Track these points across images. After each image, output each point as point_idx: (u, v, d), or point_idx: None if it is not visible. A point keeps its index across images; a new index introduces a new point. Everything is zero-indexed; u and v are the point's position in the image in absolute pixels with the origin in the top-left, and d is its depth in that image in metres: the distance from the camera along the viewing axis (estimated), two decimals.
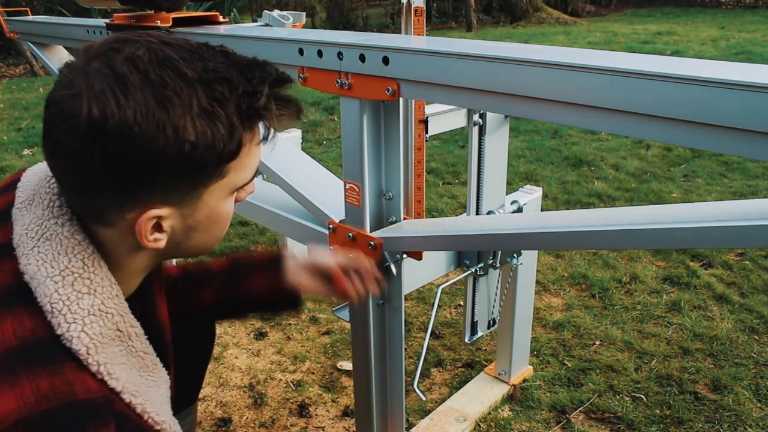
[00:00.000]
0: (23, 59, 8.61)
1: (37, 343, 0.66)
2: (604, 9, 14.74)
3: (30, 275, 0.69)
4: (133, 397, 0.71)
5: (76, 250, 0.71)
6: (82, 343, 0.67)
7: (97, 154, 0.63)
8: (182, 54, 0.66)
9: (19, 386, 0.62)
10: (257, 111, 0.69)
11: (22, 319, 0.67)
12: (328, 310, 2.36)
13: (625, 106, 0.83)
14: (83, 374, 0.66)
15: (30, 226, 0.72)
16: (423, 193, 1.37)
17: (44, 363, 0.64)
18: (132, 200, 0.68)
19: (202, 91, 0.65)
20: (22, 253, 0.70)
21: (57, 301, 0.67)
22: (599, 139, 4.52)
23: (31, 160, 4.29)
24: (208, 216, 0.74)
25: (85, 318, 0.68)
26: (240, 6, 10.45)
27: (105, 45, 0.66)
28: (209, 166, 0.69)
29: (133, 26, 1.82)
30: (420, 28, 1.25)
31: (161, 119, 0.63)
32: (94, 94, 0.62)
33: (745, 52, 7.64)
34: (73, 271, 0.70)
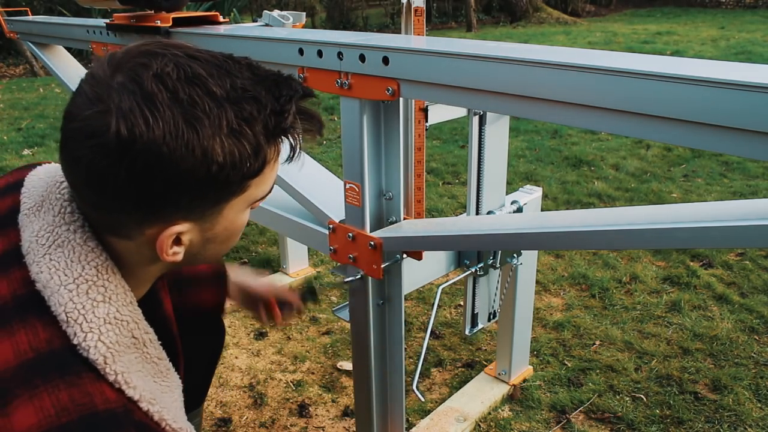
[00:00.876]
0: (23, 59, 8.61)
1: (54, 354, 0.64)
2: (604, 9, 14.74)
3: (42, 284, 0.67)
4: (151, 405, 0.70)
5: (90, 257, 0.70)
6: (99, 352, 0.66)
7: (123, 173, 0.62)
8: (210, 70, 0.65)
9: (38, 399, 0.61)
10: (284, 130, 0.69)
11: (36, 330, 0.65)
12: (328, 310, 2.36)
13: (625, 106, 0.83)
14: (101, 384, 0.65)
15: (40, 232, 0.71)
16: (423, 193, 1.37)
17: (62, 374, 0.63)
18: (154, 217, 0.68)
19: (231, 111, 0.64)
20: (32, 261, 0.69)
21: (72, 310, 0.66)
22: (599, 139, 4.52)
23: (31, 161, 4.29)
24: (226, 228, 0.74)
25: (101, 327, 0.67)
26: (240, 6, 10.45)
27: (131, 59, 0.64)
28: (233, 183, 0.68)
29: (133, 26, 1.82)
30: (420, 28, 1.25)
31: (190, 140, 0.62)
32: (122, 112, 0.61)
33: (745, 52, 7.65)
34: (87, 279, 0.68)
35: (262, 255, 2.83)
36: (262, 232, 3.07)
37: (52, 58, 2.61)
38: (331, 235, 1.36)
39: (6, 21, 2.68)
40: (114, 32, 1.97)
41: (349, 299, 1.41)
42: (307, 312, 2.34)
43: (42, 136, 4.87)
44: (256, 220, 1.72)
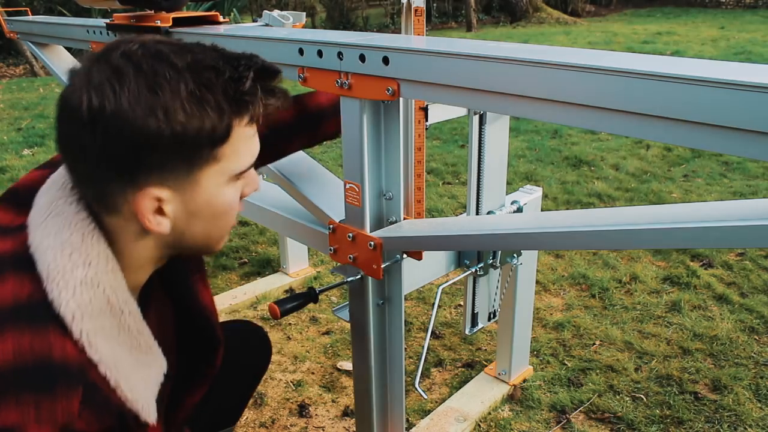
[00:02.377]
0: (23, 59, 8.61)
1: (30, 305, 0.70)
2: (604, 9, 14.74)
3: (35, 247, 0.74)
4: (109, 370, 0.74)
5: (78, 225, 0.75)
6: (69, 309, 0.71)
7: (98, 139, 0.69)
8: (173, 48, 0.72)
9: (2, 341, 0.67)
10: (243, 95, 0.73)
11: (23, 283, 0.72)
12: (328, 310, 2.36)
13: (625, 106, 0.83)
14: (65, 340, 0.70)
15: (43, 205, 0.78)
16: (423, 193, 1.37)
17: (31, 323, 0.69)
18: (132, 182, 0.72)
19: (190, 78, 0.70)
20: (32, 228, 0.76)
21: (53, 269, 0.72)
22: (599, 139, 4.52)
23: (31, 160, 4.29)
24: (207, 202, 0.77)
25: (77, 287, 0.72)
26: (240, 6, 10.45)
27: (105, 46, 0.73)
28: (201, 148, 0.73)
29: (133, 26, 1.82)
30: (420, 28, 1.25)
31: (153, 103, 0.68)
32: (93, 87, 0.69)
33: (745, 52, 7.65)
34: (72, 244, 0.74)
35: (262, 255, 2.83)
36: (262, 232, 3.07)
37: (52, 58, 2.61)
38: (331, 235, 1.36)
39: (6, 21, 2.68)
40: (114, 32, 1.97)
41: (349, 299, 1.41)
42: (307, 312, 2.34)
43: (42, 136, 4.87)
44: (256, 220, 1.72)
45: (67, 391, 0.68)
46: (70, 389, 0.68)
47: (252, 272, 2.69)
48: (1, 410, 0.64)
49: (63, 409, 0.67)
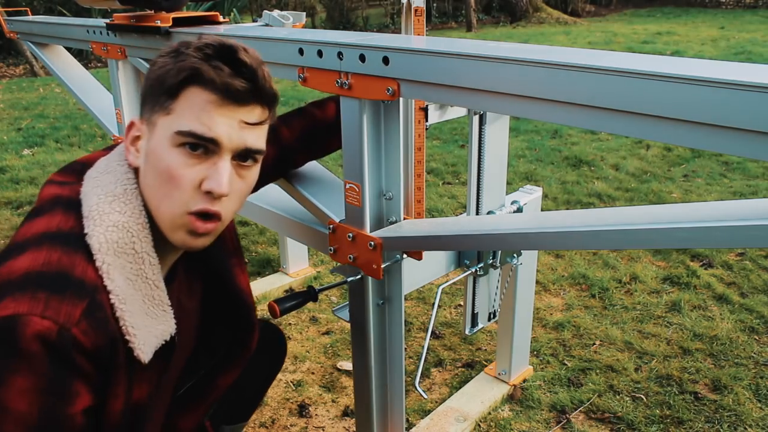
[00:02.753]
0: (23, 59, 8.61)
1: (69, 234, 0.83)
2: (604, 9, 14.75)
3: (84, 193, 0.88)
4: (119, 302, 0.82)
5: (123, 182, 0.88)
6: (98, 241, 0.82)
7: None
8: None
9: (37, 253, 0.79)
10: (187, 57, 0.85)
11: (69, 219, 0.85)
12: (328, 310, 2.36)
13: (625, 106, 0.83)
14: (88, 265, 0.81)
15: (100, 166, 0.92)
16: (423, 193, 1.37)
17: (64, 245, 0.81)
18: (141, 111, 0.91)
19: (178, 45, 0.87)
20: (86, 181, 0.90)
21: (94, 210, 0.85)
22: (599, 139, 4.52)
23: (31, 160, 4.29)
24: (154, 150, 0.86)
25: (109, 227, 0.84)
26: (240, 6, 10.45)
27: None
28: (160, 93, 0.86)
29: (133, 26, 1.82)
30: (420, 28, 1.25)
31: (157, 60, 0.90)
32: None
33: (745, 52, 7.65)
34: (115, 194, 0.87)
35: (262, 255, 2.83)
36: (262, 232, 3.07)
37: (52, 58, 2.61)
38: (331, 235, 1.36)
39: (6, 21, 2.68)
40: (114, 32, 1.97)
41: (349, 299, 1.41)
42: (307, 312, 2.34)
43: (42, 136, 4.87)
44: (256, 220, 1.72)
45: (74, 299, 0.77)
46: (78, 298, 0.77)
47: (252, 272, 2.69)
48: (18, 301, 0.74)
49: (66, 312, 0.75)
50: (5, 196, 3.58)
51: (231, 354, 1.14)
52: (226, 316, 1.11)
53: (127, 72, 2.08)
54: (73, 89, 2.49)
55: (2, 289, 0.76)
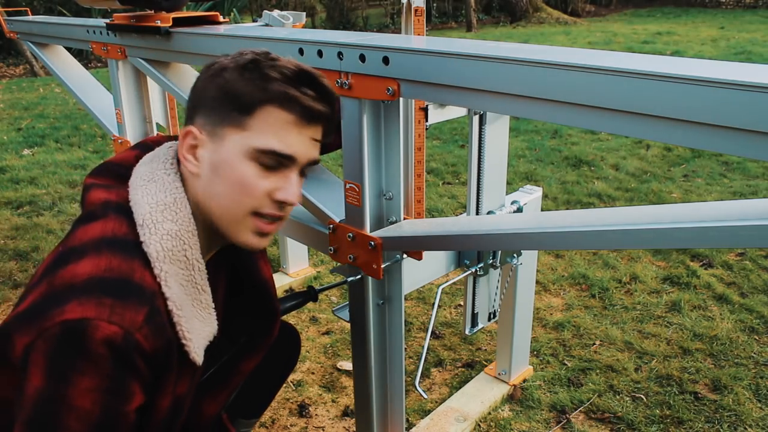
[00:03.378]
0: (23, 59, 8.61)
1: (125, 240, 0.86)
2: (604, 9, 14.74)
3: (134, 202, 0.91)
4: (176, 307, 0.87)
5: (172, 191, 0.92)
6: (155, 250, 0.86)
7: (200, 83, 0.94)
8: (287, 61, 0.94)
9: (99, 259, 0.82)
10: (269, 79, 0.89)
11: (123, 223, 0.88)
12: (328, 310, 2.36)
13: (625, 106, 0.83)
14: (146, 270, 0.85)
15: (144, 173, 0.95)
16: (423, 193, 1.37)
17: (122, 251, 0.84)
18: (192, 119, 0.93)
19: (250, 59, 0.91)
20: (132, 189, 0.93)
21: (148, 219, 0.88)
22: (599, 139, 4.52)
23: (31, 160, 4.29)
24: (226, 162, 0.91)
25: (164, 236, 0.88)
26: (240, 6, 10.45)
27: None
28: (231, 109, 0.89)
29: (133, 26, 1.82)
30: (420, 28, 1.25)
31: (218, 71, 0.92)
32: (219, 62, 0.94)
33: (745, 52, 7.65)
34: (165, 203, 0.90)
35: None
36: None
37: (52, 58, 2.61)
38: (331, 235, 1.36)
39: (6, 21, 2.69)
40: (114, 32, 1.97)
41: (349, 299, 1.41)
42: (307, 312, 2.34)
43: (42, 136, 4.87)
44: None
45: (137, 305, 0.80)
46: (140, 305, 0.81)
47: None
48: (84, 305, 0.77)
49: (130, 318, 0.79)
50: (5, 196, 3.58)
51: (253, 340, 1.18)
52: (250, 305, 1.17)
53: (127, 72, 2.08)
54: (73, 89, 2.49)
55: (67, 292, 0.79)
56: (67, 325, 0.76)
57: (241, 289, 1.15)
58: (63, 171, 4.02)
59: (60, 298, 0.78)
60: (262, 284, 1.15)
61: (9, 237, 3.03)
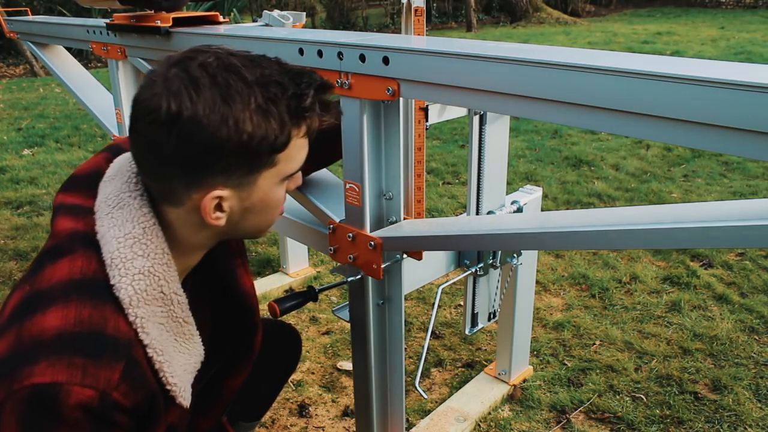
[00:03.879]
0: (23, 59, 8.61)
1: (95, 282, 0.79)
2: (604, 9, 14.74)
3: (101, 234, 0.83)
4: (156, 353, 0.81)
5: (141, 220, 0.84)
6: (127, 294, 0.80)
7: (172, 140, 0.77)
8: (244, 62, 0.80)
9: (67, 309, 0.76)
10: (304, 110, 0.82)
11: (91, 260, 0.81)
12: (328, 310, 2.36)
13: (625, 106, 0.83)
14: (119, 317, 0.79)
15: (110, 195, 0.87)
16: (423, 193, 1.37)
17: (92, 298, 0.78)
18: (198, 182, 0.81)
19: (259, 92, 0.78)
20: (99, 217, 0.85)
21: (116, 257, 0.81)
22: (599, 139, 4.52)
23: (31, 160, 4.29)
24: (261, 199, 0.86)
25: (135, 275, 0.81)
26: (240, 6, 10.45)
27: (182, 54, 0.81)
28: (263, 155, 0.81)
29: (133, 26, 1.82)
30: (420, 28, 1.25)
31: (225, 113, 0.76)
32: (172, 92, 0.76)
33: (745, 52, 7.65)
34: (135, 236, 0.83)
35: (262, 255, 2.83)
36: None
37: (52, 58, 2.61)
38: (331, 235, 1.36)
39: (6, 21, 2.68)
40: (114, 32, 1.97)
41: (349, 299, 1.41)
42: (307, 312, 2.34)
43: (42, 136, 4.87)
44: None
45: (112, 361, 0.75)
46: (116, 360, 0.76)
47: (252, 272, 2.68)
48: (55, 367, 0.72)
49: (105, 378, 0.74)
50: (5, 196, 3.58)
51: (236, 356, 1.14)
52: (231, 318, 1.11)
53: (127, 72, 2.08)
54: (73, 89, 2.49)
55: (36, 350, 0.74)
56: (38, 389, 0.71)
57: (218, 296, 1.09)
58: (63, 171, 4.02)
59: (29, 357, 0.73)
60: (241, 296, 1.09)
61: (9, 237, 3.04)
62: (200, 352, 0.92)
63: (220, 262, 1.07)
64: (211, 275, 1.06)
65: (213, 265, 1.05)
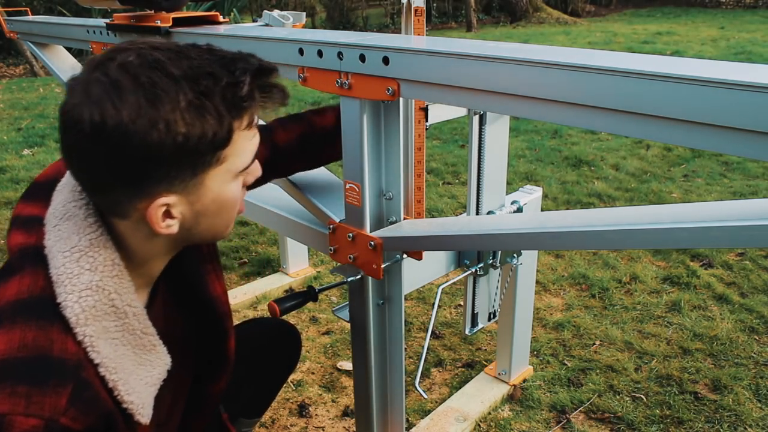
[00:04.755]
0: (23, 59, 8.61)
1: (41, 301, 0.75)
2: (604, 9, 14.74)
3: (48, 248, 0.79)
4: (109, 372, 0.77)
5: (87, 231, 0.79)
6: (74, 312, 0.75)
7: (101, 152, 0.71)
8: (169, 55, 0.73)
9: (11, 333, 0.72)
10: (242, 100, 0.75)
11: (39, 277, 0.77)
12: (328, 310, 2.36)
13: (625, 106, 0.83)
14: (67, 337, 0.74)
15: (57, 206, 0.82)
16: (423, 193, 1.37)
17: (38, 319, 0.74)
18: (140, 192, 0.75)
19: (188, 87, 0.71)
20: (47, 230, 0.81)
21: (62, 273, 0.76)
22: (599, 139, 4.52)
23: (31, 160, 4.29)
24: (214, 200, 0.80)
25: (82, 291, 0.76)
26: (240, 6, 10.45)
27: (102, 55, 0.74)
28: (205, 154, 0.75)
29: (133, 26, 1.82)
30: (420, 28, 1.25)
31: (153, 116, 0.70)
32: (93, 101, 0.70)
33: (745, 52, 7.65)
34: (81, 249, 0.78)
35: (262, 255, 2.83)
36: (262, 232, 3.07)
37: (52, 58, 2.61)
38: (331, 235, 1.36)
39: (6, 21, 2.68)
40: (114, 32, 1.97)
41: (349, 299, 1.41)
42: (307, 312, 2.34)
43: (42, 136, 4.87)
44: (256, 220, 1.72)
45: (57, 387, 0.71)
46: (62, 386, 0.71)
47: (252, 272, 2.68)
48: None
49: (51, 404, 0.70)
50: (5, 196, 3.58)
51: (213, 362, 1.09)
52: (203, 324, 1.05)
53: None
54: None
55: None
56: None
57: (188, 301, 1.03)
58: None
59: None
60: (212, 302, 1.03)
61: None
62: (165, 362, 0.86)
63: (189, 268, 1.01)
64: (181, 281, 1.01)
65: (182, 271, 1.00)
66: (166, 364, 0.87)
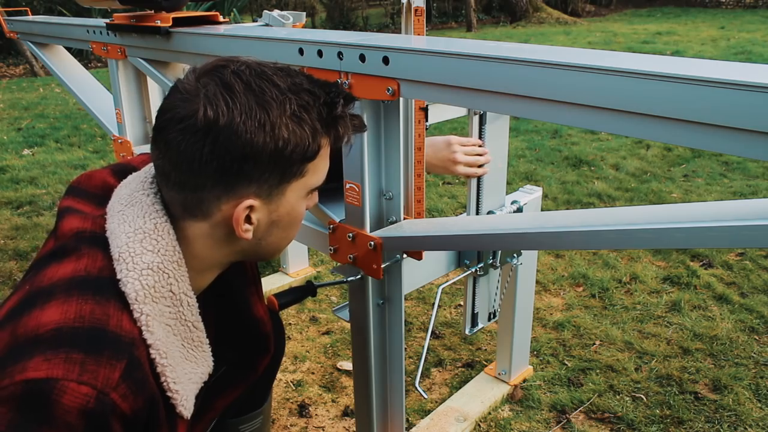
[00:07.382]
0: (23, 59, 8.61)
1: (99, 279, 0.76)
2: (604, 9, 14.74)
3: (110, 230, 0.81)
4: (159, 356, 0.77)
5: (153, 215, 0.82)
6: (133, 288, 0.76)
7: (207, 148, 0.76)
8: (274, 70, 0.81)
9: (67, 304, 0.73)
10: (335, 119, 0.83)
11: (96, 258, 0.78)
12: (328, 310, 2.36)
13: (625, 106, 0.83)
14: (123, 314, 0.75)
15: (123, 196, 0.86)
16: (423, 193, 1.37)
17: (95, 294, 0.75)
18: (230, 190, 0.80)
19: (293, 99, 0.79)
20: (110, 215, 0.84)
21: (125, 251, 0.78)
22: (599, 139, 4.52)
23: (31, 160, 4.29)
24: (288, 213, 0.86)
25: (144, 270, 0.78)
26: (240, 6, 10.45)
27: (212, 64, 0.81)
28: (295, 163, 0.81)
29: (133, 26, 1.82)
30: (420, 28, 1.25)
31: (262, 119, 0.76)
32: (208, 98, 0.76)
33: (745, 52, 7.65)
34: (145, 231, 0.80)
35: None
36: None
37: (52, 58, 2.61)
38: (331, 235, 1.36)
39: (6, 21, 2.68)
40: (114, 32, 1.97)
41: (349, 299, 1.41)
42: (307, 312, 2.34)
43: (42, 136, 4.87)
44: None
45: (112, 360, 0.71)
46: (117, 358, 0.72)
47: None
48: (51, 363, 0.68)
49: (104, 375, 0.70)
50: (5, 196, 3.58)
51: (233, 374, 1.11)
52: (237, 339, 1.09)
53: (127, 72, 2.08)
54: (73, 89, 2.49)
55: (31, 345, 0.69)
56: (30, 386, 0.66)
57: (229, 320, 1.07)
58: (63, 171, 4.02)
59: (23, 353, 0.68)
60: (255, 323, 1.08)
61: (9, 237, 3.03)
62: (209, 363, 0.88)
63: (235, 289, 1.05)
64: (221, 299, 1.04)
65: (225, 290, 1.03)
66: (209, 365, 0.89)
